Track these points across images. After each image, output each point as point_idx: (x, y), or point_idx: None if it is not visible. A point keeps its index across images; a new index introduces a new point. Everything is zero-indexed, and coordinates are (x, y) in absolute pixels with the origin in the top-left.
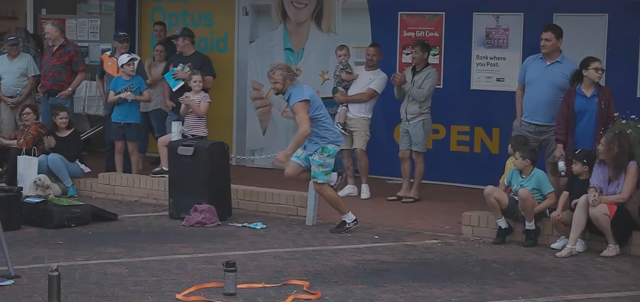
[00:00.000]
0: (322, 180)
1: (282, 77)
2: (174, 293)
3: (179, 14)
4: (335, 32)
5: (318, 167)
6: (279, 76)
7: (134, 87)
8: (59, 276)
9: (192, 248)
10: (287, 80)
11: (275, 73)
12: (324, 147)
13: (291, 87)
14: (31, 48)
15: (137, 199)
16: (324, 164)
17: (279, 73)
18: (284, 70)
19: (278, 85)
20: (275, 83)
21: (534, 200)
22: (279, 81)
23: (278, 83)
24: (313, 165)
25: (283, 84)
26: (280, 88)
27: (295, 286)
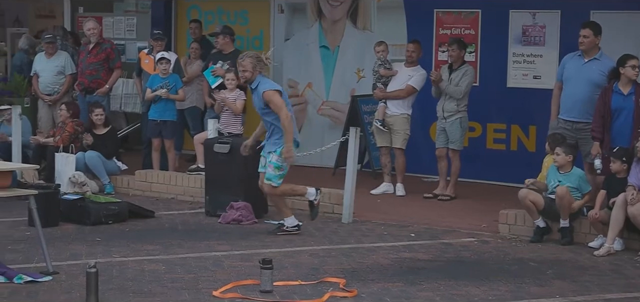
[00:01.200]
0: (276, 183)
1: (251, 65)
2: (211, 290)
3: (215, 12)
4: (370, 30)
5: (275, 169)
6: (248, 64)
7: (170, 85)
8: (96, 272)
9: (229, 245)
10: (256, 69)
11: (245, 60)
12: (282, 147)
13: (260, 76)
14: (69, 46)
15: (174, 196)
16: (281, 167)
17: (249, 61)
18: (253, 58)
19: (247, 73)
20: (244, 71)
21: (572, 198)
22: (248, 69)
23: (247, 71)
24: (270, 166)
25: (252, 73)
26: (249, 76)
27: (332, 284)
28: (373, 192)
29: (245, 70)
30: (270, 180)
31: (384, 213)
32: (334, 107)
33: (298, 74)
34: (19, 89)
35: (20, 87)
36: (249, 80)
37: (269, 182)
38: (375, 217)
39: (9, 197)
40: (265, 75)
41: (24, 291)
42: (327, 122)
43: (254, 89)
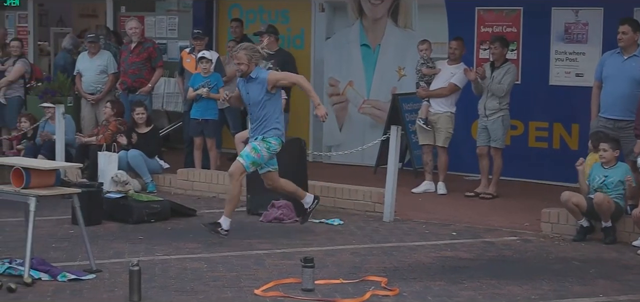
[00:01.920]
0: (246, 165)
1: (247, 57)
2: (253, 288)
3: (256, 10)
4: (411, 28)
5: (252, 150)
6: (243, 56)
7: (212, 84)
8: (139, 270)
9: (270, 244)
10: (252, 61)
11: (239, 53)
12: (267, 139)
13: (257, 68)
14: (113, 46)
15: (215, 195)
16: (258, 153)
17: (244, 53)
18: (249, 50)
19: (242, 66)
20: (240, 64)
21: (611, 203)
22: (244, 61)
23: (242, 64)
24: (248, 146)
25: (248, 65)
26: (245, 69)
27: (373, 282)
28: (414, 190)
29: (241, 63)
30: (242, 158)
31: (425, 212)
32: (375, 106)
33: (339, 73)
34: (63, 88)
35: (64, 86)
36: (246, 73)
37: (241, 159)
38: (416, 216)
39: (53, 196)
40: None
41: (68, 289)
42: (368, 120)
43: (254, 78)
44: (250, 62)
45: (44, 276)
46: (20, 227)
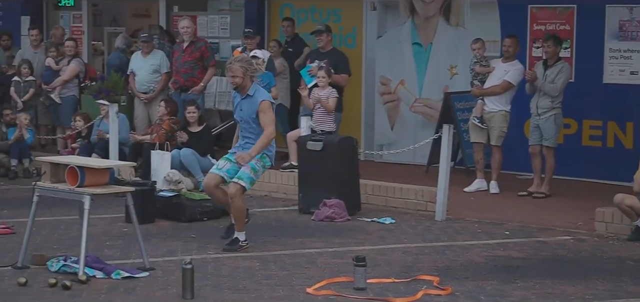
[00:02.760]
0: (247, 185)
1: (241, 71)
2: (305, 287)
3: (308, 10)
4: (463, 27)
5: (251, 170)
6: (238, 69)
7: (264, 83)
8: (192, 268)
9: (322, 243)
10: (247, 74)
11: (234, 65)
12: (263, 156)
13: (255, 84)
14: (166, 45)
15: (267, 194)
16: (257, 171)
17: (239, 66)
18: (244, 63)
19: (237, 79)
20: (234, 76)
21: None
22: (238, 75)
23: (237, 77)
24: (246, 168)
25: (242, 78)
26: (239, 82)
27: (425, 282)
28: (466, 189)
29: (235, 76)
30: (241, 179)
31: (477, 211)
32: (426, 105)
33: (390, 71)
34: (116, 88)
35: (117, 85)
36: (240, 86)
37: (239, 180)
38: (468, 215)
39: (107, 195)
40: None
41: (122, 286)
42: (420, 119)
43: (251, 96)
44: (246, 75)
45: (98, 273)
46: (75, 225)
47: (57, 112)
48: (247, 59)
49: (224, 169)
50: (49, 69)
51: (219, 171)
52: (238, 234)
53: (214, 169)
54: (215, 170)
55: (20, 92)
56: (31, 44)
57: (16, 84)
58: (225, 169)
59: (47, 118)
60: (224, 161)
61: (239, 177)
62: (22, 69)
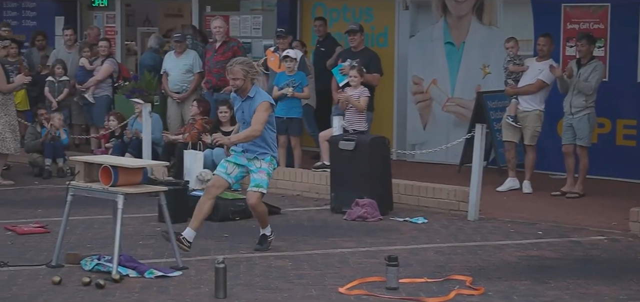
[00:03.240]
0: (266, 189)
1: (242, 73)
2: (337, 286)
3: (340, 9)
4: (496, 26)
5: (266, 175)
6: (239, 71)
7: (296, 83)
8: (225, 268)
9: (354, 242)
10: (248, 77)
11: (235, 67)
12: (272, 159)
13: (255, 87)
14: (200, 45)
15: (299, 193)
16: (270, 175)
17: (239, 68)
18: (245, 65)
19: (238, 81)
20: (235, 79)
21: None
22: (239, 77)
23: (237, 79)
24: (260, 173)
25: (243, 80)
26: (240, 85)
27: (458, 281)
28: (499, 189)
29: (236, 79)
30: (260, 186)
31: (510, 210)
32: (459, 104)
33: (423, 71)
34: (149, 87)
35: (150, 85)
36: (241, 88)
37: (259, 188)
38: (501, 215)
39: (140, 194)
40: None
41: (155, 285)
42: (452, 119)
43: (251, 98)
44: (247, 78)
45: (132, 272)
46: (108, 224)
47: (90, 112)
48: (248, 61)
49: (232, 175)
50: (82, 69)
51: (227, 177)
52: (263, 230)
53: (223, 173)
54: (224, 174)
55: (54, 92)
56: (65, 44)
57: (50, 84)
58: (234, 175)
59: (81, 118)
60: (232, 166)
61: (258, 186)
62: (56, 69)
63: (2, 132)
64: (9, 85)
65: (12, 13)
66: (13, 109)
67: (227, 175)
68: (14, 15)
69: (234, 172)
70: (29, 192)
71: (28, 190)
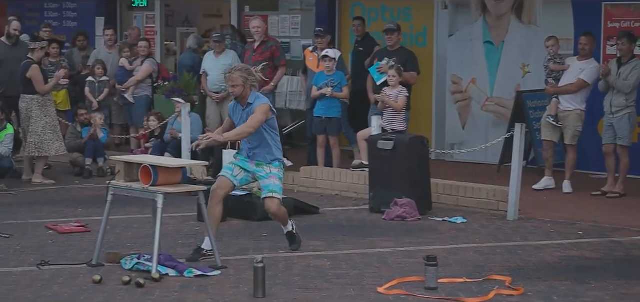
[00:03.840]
0: (280, 195)
1: (242, 80)
2: (376, 286)
3: (378, 9)
4: (536, 25)
5: (278, 179)
6: (238, 78)
7: (335, 82)
8: (264, 267)
9: (393, 242)
10: (248, 83)
11: (234, 74)
12: (281, 163)
13: (255, 93)
14: (239, 45)
15: (338, 193)
16: (281, 179)
17: (238, 75)
18: (244, 72)
19: (237, 88)
20: (234, 86)
21: None
22: (238, 84)
23: (237, 86)
24: (272, 179)
25: (243, 87)
26: (240, 92)
27: (497, 282)
28: (535, 187)
29: (235, 86)
30: (275, 192)
31: (550, 210)
32: (498, 103)
33: (462, 70)
34: (188, 87)
35: (189, 85)
36: (240, 95)
37: (273, 194)
38: (541, 215)
39: (180, 193)
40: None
41: (194, 284)
42: (492, 118)
43: (251, 104)
44: (246, 85)
45: (171, 271)
46: (148, 223)
47: (130, 112)
48: (247, 68)
49: (238, 177)
50: (122, 69)
51: (233, 179)
52: (286, 228)
53: (229, 174)
54: (230, 176)
55: (94, 92)
56: (106, 44)
57: (91, 84)
58: (239, 178)
59: (121, 118)
60: (238, 169)
61: (272, 192)
62: (96, 69)
63: (43, 133)
64: (46, 86)
65: (53, 14)
66: (53, 109)
67: (233, 177)
68: (55, 16)
69: (240, 175)
70: (70, 192)
71: (69, 189)
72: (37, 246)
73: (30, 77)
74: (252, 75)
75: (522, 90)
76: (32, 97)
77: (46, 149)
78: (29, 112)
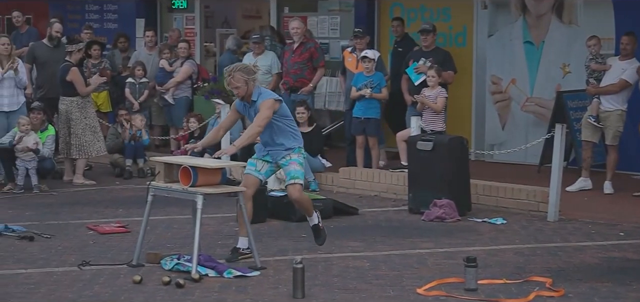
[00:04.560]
0: (302, 180)
1: (243, 79)
2: (415, 287)
3: (418, 9)
4: (576, 24)
5: (299, 166)
6: (239, 79)
7: (375, 83)
8: (303, 268)
9: (432, 243)
10: (249, 82)
11: (235, 76)
12: (299, 148)
13: (258, 88)
14: (278, 47)
15: (377, 194)
16: (302, 164)
17: (240, 75)
18: (244, 72)
19: (240, 89)
20: (237, 87)
21: None
22: (240, 84)
23: (239, 87)
24: (292, 165)
25: (246, 86)
26: (243, 92)
27: (538, 283)
28: (568, 189)
29: (238, 87)
30: (296, 178)
31: (591, 211)
32: (538, 104)
33: (501, 70)
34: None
35: None
36: (245, 95)
37: (295, 180)
38: (582, 216)
39: (219, 194)
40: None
41: (234, 285)
42: (532, 118)
43: (255, 101)
44: (248, 83)
45: (211, 272)
46: (188, 224)
47: (170, 113)
48: (243, 66)
49: (262, 171)
50: (162, 71)
51: (258, 174)
52: (311, 219)
53: (253, 171)
54: (255, 172)
55: (134, 93)
56: (146, 45)
57: (131, 85)
58: (263, 171)
59: (161, 119)
60: (260, 162)
61: (294, 178)
62: (136, 71)
63: (83, 135)
64: (87, 88)
65: (94, 16)
66: (92, 111)
67: (257, 172)
68: (96, 18)
69: (263, 169)
70: (110, 193)
71: (109, 190)
72: (78, 247)
73: (70, 80)
74: (250, 71)
75: (562, 90)
76: (72, 99)
77: (86, 150)
78: (69, 114)
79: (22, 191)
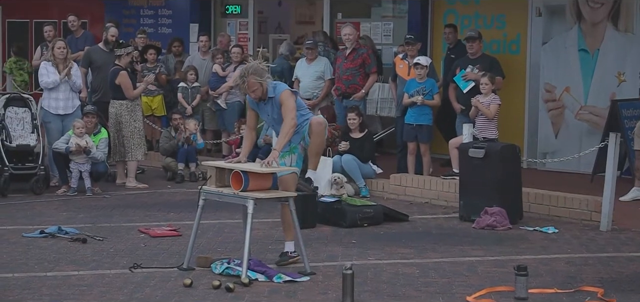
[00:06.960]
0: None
1: (258, 82)
2: (465, 295)
3: (472, 16)
4: (632, 32)
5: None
6: (254, 82)
7: (427, 90)
8: (352, 274)
9: (483, 251)
10: (263, 81)
11: (250, 79)
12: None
13: (270, 83)
14: (332, 52)
15: (428, 201)
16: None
17: (253, 78)
18: (256, 73)
19: (257, 92)
20: (254, 90)
21: None
22: (256, 87)
23: (256, 89)
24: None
25: (262, 88)
26: (260, 94)
27: (589, 293)
28: (622, 199)
29: (255, 90)
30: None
31: None
32: (592, 112)
33: (555, 78)
34: None
35: None
36: (263, 95)
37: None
38: (635, 226)
39: (270, 199)
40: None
41: (283, 290)
42: (585, 127)
43: (272, 97)
44: (263, 84)
45: (261, 276)
46: (238, 228)
47: (222, 118)
48: (255, 67)
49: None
50: (215, 75)
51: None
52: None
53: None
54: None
55: (187, 98)
56: (200, 50)
57: (183, 89)
58: (294, 164)
59: (213, 123)
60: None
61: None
62: (189, 75)
63: (131, 138)
64: (135, 92)
65: (149, 20)
66: (140, 115)
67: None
68: (151, 23)
69: (291, 162)
70: (162, 196)
71: (161, 194)
72: (130, 249)
73: (119, 83)
74: (263, 72)
75: (617, 98)
76: (121, 103)
77: (132, 154)
78: (119, 117)
79: (75, 193)
